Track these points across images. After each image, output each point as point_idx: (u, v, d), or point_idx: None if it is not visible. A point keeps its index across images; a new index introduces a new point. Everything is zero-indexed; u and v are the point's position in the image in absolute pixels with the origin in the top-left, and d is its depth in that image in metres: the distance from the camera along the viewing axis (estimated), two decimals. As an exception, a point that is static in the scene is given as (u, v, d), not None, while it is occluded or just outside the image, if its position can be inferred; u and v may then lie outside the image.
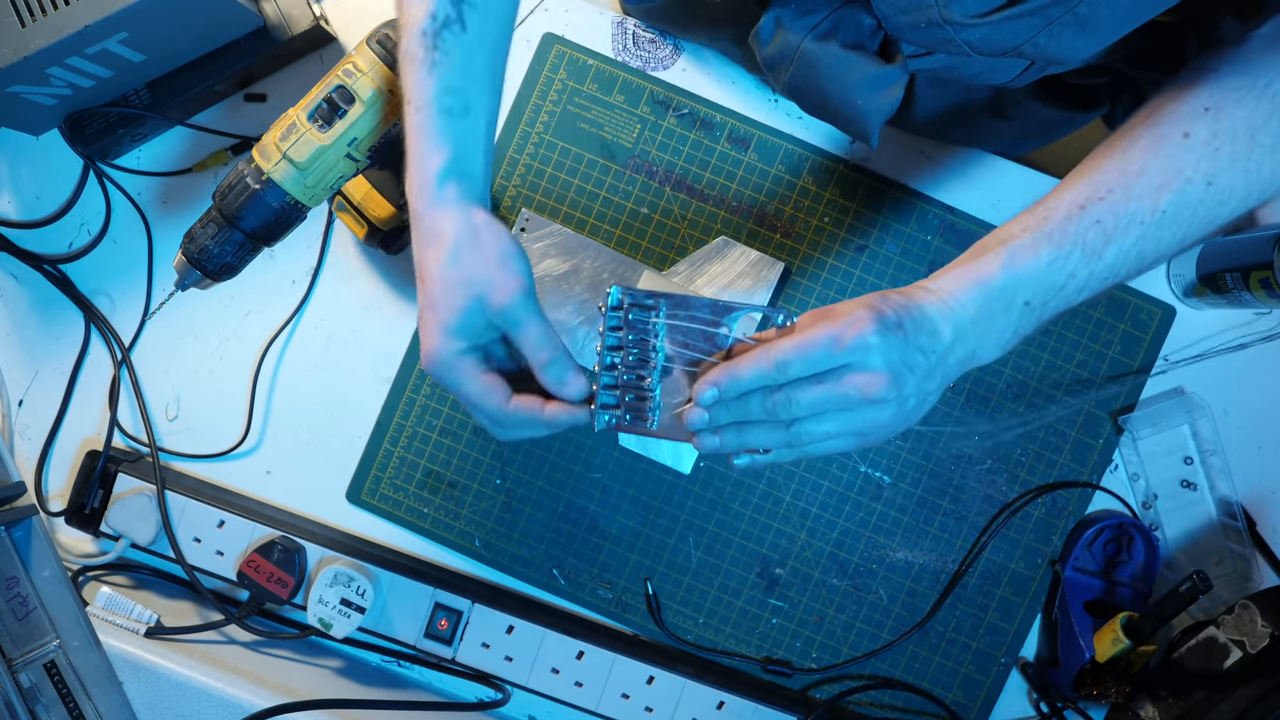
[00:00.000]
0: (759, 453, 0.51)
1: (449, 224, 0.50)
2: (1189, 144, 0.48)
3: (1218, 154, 0.47)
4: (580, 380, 0.52)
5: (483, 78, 0.52)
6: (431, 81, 0.50)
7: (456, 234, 0.50)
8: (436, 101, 0.50)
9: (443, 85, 0.50)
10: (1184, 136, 0.48)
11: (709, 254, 0.76)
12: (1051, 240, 0.48)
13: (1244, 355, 0.76)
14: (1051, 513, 0.76)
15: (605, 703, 0.76)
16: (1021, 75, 0.61)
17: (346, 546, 0.77)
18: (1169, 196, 0.47)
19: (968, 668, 0.77)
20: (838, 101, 0.58)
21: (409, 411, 0.78)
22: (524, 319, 0.50)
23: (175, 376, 0.79)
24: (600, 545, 0.78)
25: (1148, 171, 0.48)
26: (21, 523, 0.71)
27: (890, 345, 0.45)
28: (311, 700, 0.70)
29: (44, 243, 0.79)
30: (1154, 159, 0.48)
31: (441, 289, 0.50)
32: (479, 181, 0.52)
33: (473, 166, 0.52)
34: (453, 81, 0.51)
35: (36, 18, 0.60)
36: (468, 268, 0.50)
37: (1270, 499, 0.76)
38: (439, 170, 0.50)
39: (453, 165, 0.50)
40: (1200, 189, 0.48)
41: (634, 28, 0.77)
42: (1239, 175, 0.48)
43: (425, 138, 0.51)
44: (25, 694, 0.68)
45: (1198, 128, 0.48)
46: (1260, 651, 0.68)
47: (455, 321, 0.50)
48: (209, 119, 0.78)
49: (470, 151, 0.51)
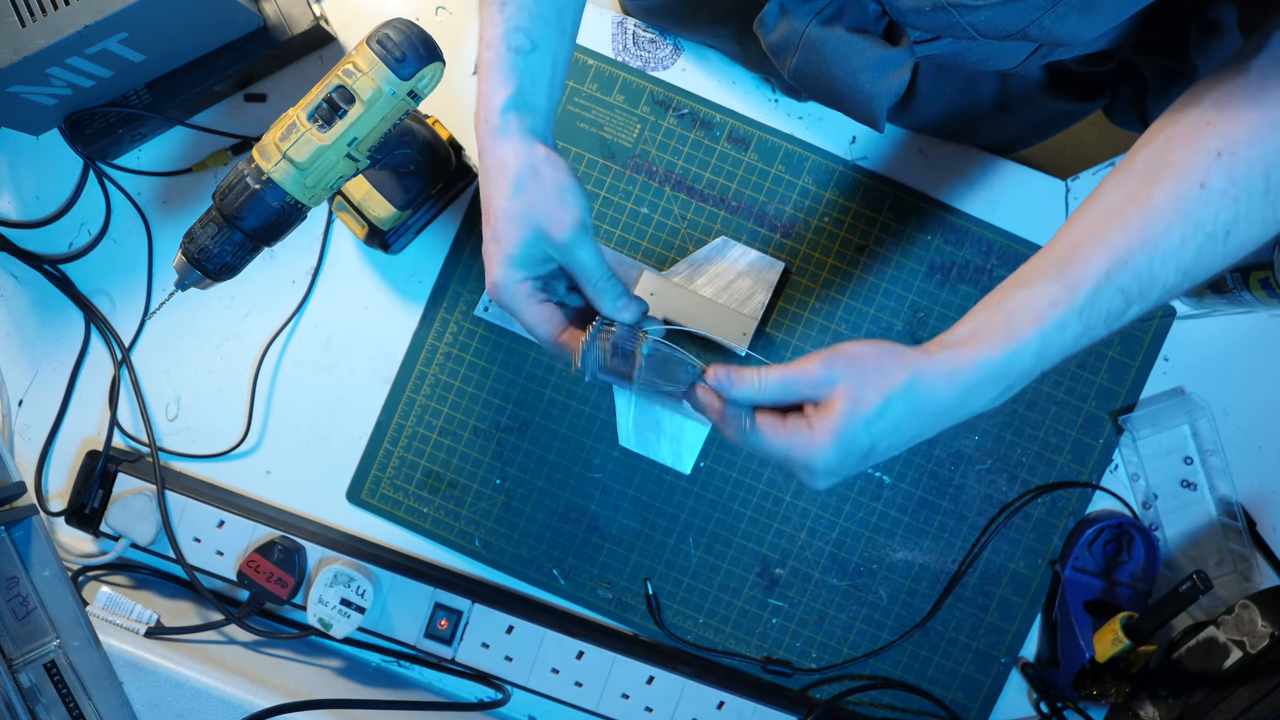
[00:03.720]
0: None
1: (511, 158, 0.52)
2: (1206, 196, 0.46)
3: (1236, 204, 0.46)
4: (632, 306, 0.54)
5: (551, 17, 0.54)
6: (501, 20, 0.53)
7: (518, 169, 0.52)
8: (505, 39, 0.53)
9: (511, 24, 0.53)
10: (1200, 188, 0.47)
11: (709, 254, 0.76)
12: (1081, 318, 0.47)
13: (1244, 356, 0.76)
14: (1051, 513, 0.76)
15: (605, 703, 0.76)
16: (1028, 60, 0.61)
17: (346, 546, 0.77)
18: (1190, 256, 0.47)
19: (968, 668, 0.77)
20: (844, 86, 0.58)
21: (409, 411, 0.78)
22: (579, 250, 0.52)
23: (175, 376, 0.79)
24: (600, 545, 0.78)
25: (1170, 233, 0.47)
26: (21, 523, 0.71)
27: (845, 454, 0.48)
28: (311, 700, 0.70)
29: (44, 243, 0.79)
30: (1176, 218, 0.47)
31: (504, 221, 0.52)
32: (542, 117, 0.54)
33: (536, 101, 0.54)
34: (521, 20, 0.53)
35: (36, 18, 0.60)
36: (528, 201, 0.52)
37: (1270, 499, 0.76)
38: (503, 104, 0.52)
39: (517, 99, 0.53)
40: (1220, 241, 0.47)
41: (634, 28, 0.77)
42: (1257, 221, 0.47)
43: (492, 72, 0.53)
44: (25, 694, 0.68)
45: (1213, 177, 0.46)
46: (1260, 651, 0.68)
47: (517, 253, 0.52)
48: (209, 119, 0.78)
49: (534, 87, 0.53)
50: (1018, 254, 0.76)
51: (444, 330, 0.77)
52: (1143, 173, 0.48)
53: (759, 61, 0.75)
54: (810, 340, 0.77)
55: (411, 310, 0.78)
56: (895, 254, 0.76)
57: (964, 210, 0.76)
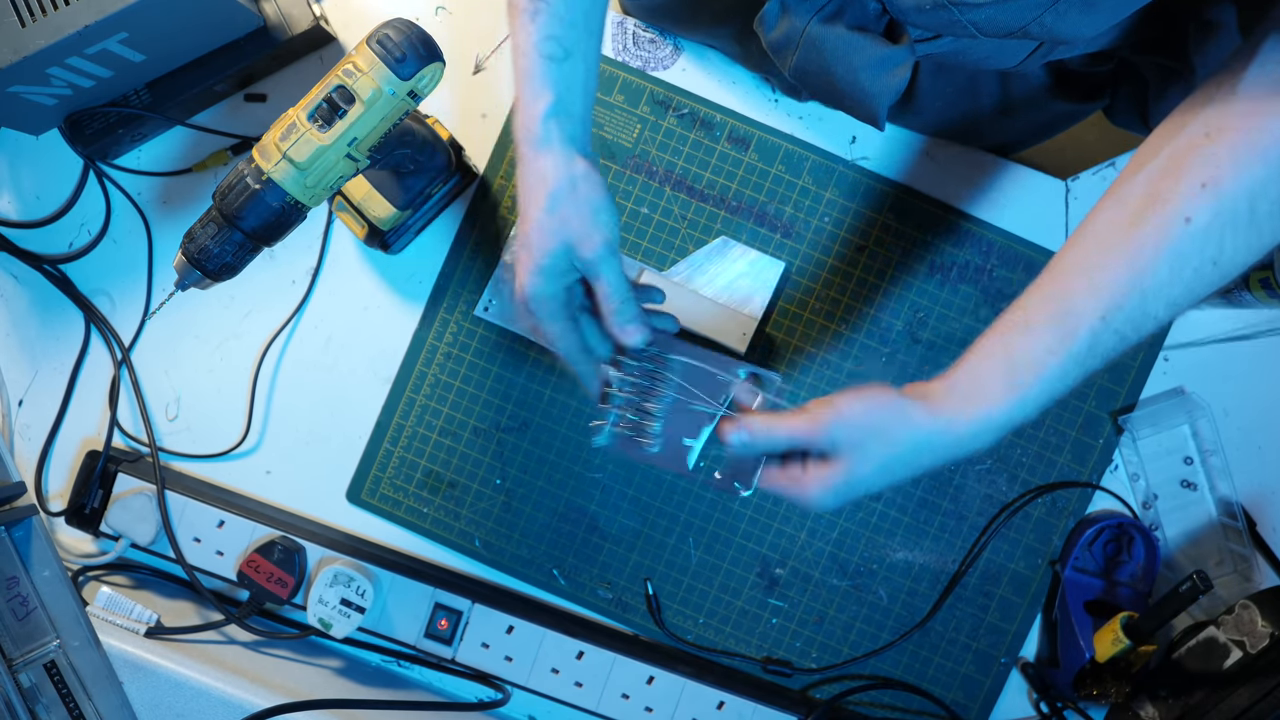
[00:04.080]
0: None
1: (551, 171, 0.54)
2: (1191, 231, 0.47)
3: (1221, 236, 0.47)
4: (640, 332, 0.57)
5: (582, 23, 0.55)
6: (534, 28, 0.54)
7: (557, 183, 0.54)
8: (539, 47, 0.54)
9: (545, 32, 0.54)
10: (1186, 222, 0.47)
11: (709, 254, 0.76)
12: (1080, 363, 0.49)
13: (1244, 355, 0.76)
14: (1051, 513, 0.76)
15: (605, 703, 0.76)
16: (1028, 59, 0.61)
17: (346, 546, 0.77)
18: (1179, 290, 0.48)
19: (968, 668, 0.77)
20: (845, 84, 0.58)
21: (409, 411, 0.78)
22: (603, 270, 0.55)
23: (175, 376, 0.79)
24: (600, 545, 0.78)
25: (1159, 271, 0.48)
26: (21, 523, 0.71)
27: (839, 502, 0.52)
28: (311, 700, 0.70)
29: (44, 243, 0.79)
30: (1163, 257, 0.48)
31: (537, 232, 0.55)
32: (580, 122, 0.56)
33: (573, 108, 0.55)
34: (553, 29, 0.54)
35: (36, 18, 0.60)
36: (562, 217, 0.54)
37: (1270, 499, 0.76)
38: (544, 112, 0.54)
39: (556, 106, 0.54)
40: (1208, 271, 0.48)
41: (634, 28, 0.77)
42: (1242, 249, 0.48)
43: (529, 81, 0.54)
44: (25, 694, 0.68)
45: (1199, 211, 0.47)
46: (1260, 651, 0.68)
47: (545, 263, 0.55)
48: (209, 119, 0.78)
49: (570, 94, 0.55)
50: (1018, 254, 0.76)
51: (444, 330, 0.77)
52: (1133, 205, 0.49)
53: (759, 61, 0.75)
54: (810, 340, 0.77)
55: (411, 310, 0.78)
56: (895, 254, 0.76)
57: (965, 210, 0.76)
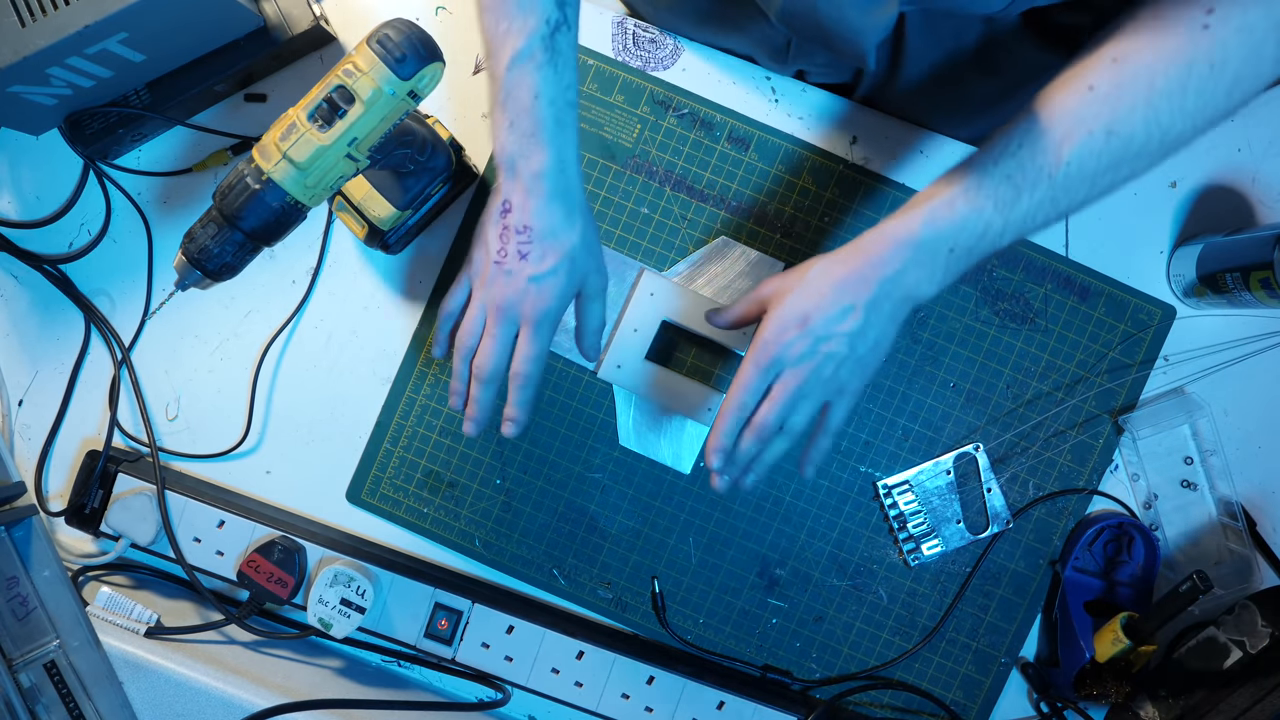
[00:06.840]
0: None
1: (566, 237, 0.60)
2: (1092, 96, 0.51)
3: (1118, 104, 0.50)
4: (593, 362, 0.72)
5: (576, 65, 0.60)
6: (555, 78, 0.57)
7: (572, 246, 0.60)
8: (563, 96, 0.58)
9: (565, 81, 0.58)
10: (1089, 89, 0.51)
11: (709, 254, 0.76)
12: (966, 197, 0.53)
13: (1243, 356, 0.76)
14: (1051, 513, 0.76)
15: (605, 703, 0.76)
16: (1012, 3, 0.62)
17: (346, 546, 0.77)
18: (1071, 150, 0.51)
19: (968, 668, 0.77)
20: (831, 21, 0.58)
21: (409, 411, 0.78)
22: (593, 305, 0.66)
23: (175, 376, 0.79)
24: (600, 545, 0.78)
25: (1052, 126, 0.51)
26: (21, 523, 0.72)
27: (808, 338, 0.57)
28: (311, 700, 0.70)
29: (44, 243, 0.79)
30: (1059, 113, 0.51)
31: (554, 275, 0.61)
32: (579, 175, 0.61)
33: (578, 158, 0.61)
34: (569, 77, 0.58)
35: (36, 18, 0.60)
36: (580, 273, 0.62)
37: (1270, 499, 0.76)
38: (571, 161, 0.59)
39: (576, 156, 0.60)
40: (1101, 140, 0.51)
41: (634, 27, 0.77)
42: (1139, 124, 0.50)
43: (555, 131, 0.58)
44: (25, 694, 0.68)
45: (1102, 80, 0.50)
46: (1260, 651, 0.68)
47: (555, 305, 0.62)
48: (209, 119, 0.78)
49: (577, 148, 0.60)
50: (1018, 254, 0.76)
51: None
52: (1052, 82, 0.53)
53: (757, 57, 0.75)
54: (810, 340, 0.77)
55: (411, 310, 0.78)
56: (895, 254, 0.76)
57: (964, 210, 0.76)
